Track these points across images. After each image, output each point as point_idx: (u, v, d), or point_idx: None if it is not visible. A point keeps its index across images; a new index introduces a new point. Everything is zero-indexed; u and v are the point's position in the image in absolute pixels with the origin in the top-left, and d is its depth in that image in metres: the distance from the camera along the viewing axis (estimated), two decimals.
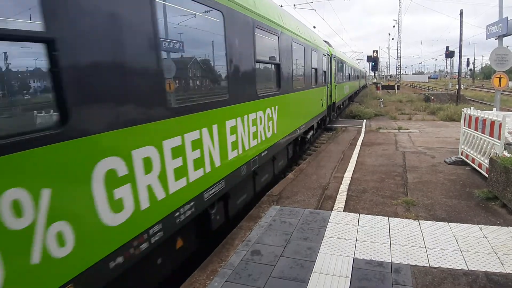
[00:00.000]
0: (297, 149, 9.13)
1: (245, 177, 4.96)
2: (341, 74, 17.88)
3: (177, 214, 3.19)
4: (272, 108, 6.01)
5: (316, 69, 10.29)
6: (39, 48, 2.01)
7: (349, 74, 22.96)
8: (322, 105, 11.43)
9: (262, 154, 5.61)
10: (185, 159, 3.31)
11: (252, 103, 5.07)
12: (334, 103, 14.74)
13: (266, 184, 6.39)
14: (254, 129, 5.19)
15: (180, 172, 3.23)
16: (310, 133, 10.16)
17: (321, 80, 11.28)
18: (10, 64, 2.03)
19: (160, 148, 2.92)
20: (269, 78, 6.33)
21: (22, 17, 1.95)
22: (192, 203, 3.45)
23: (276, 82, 6.41)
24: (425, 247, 3.84)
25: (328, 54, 12.99)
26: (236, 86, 4.53)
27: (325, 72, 12.22)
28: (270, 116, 5.93)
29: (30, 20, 1.95)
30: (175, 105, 3.25)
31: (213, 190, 3.90)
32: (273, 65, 6.31)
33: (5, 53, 1.94)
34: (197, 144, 3.54)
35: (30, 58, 2.10)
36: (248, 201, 5.49)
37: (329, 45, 15.64)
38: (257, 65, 5.32)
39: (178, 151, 3.19)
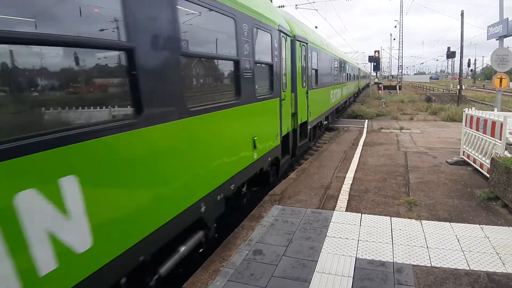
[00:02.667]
0: (356, 96, 30.37)
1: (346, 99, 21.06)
2: (360, 76, 34.99)
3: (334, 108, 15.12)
4: (348, 86, 21.04)
5: (356, 75, 28.30)
6: None
7: (362, 75, 42.11)
8: (357, 87, 29.68)
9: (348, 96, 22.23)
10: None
11: (342, 84, 17.94)
12: (359, 88, 34.27)
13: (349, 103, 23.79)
14: (343, 91, 17.94)
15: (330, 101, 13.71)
16: (357, 93, 31.24)
17: (356, 78, 28.45)
18: None
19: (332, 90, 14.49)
20: (347, 77, 20.83)
21: None
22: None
23: (347, 78, 20.19)
24: (427, 247, 3.85)
25: (358, 68, 32.05)
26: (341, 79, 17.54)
27: (357, 75, 29.93)
28: (347, 88, 20.34)
29: None
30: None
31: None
32: (348, 74, 21.79)
33: None
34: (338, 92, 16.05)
35: None
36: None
37: (357, 63, 38.19)
38: (349, 76, 21.78)
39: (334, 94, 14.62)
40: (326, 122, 13.17)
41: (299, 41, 7.80)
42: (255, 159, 5.09)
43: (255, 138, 5.01)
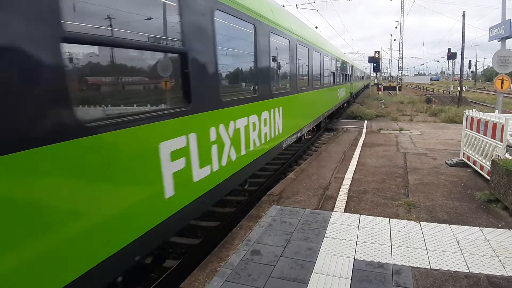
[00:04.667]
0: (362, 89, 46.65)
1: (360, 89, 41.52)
2: (365, 77, 50.75)
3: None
4: (361, 82, 42.36)
5: (362, 76, 44.22)
6: None
7: (366, 76, 54.94)
8: (363, 84, 46.79)
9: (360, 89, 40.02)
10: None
11: (359, 81, 38.00)
12: (364, 84, 48.46)
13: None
14: (360, 84, 38.64)
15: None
16: (363, 88, 46.20)
17: (362, 78, 43.96)
18: None
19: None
20: (360, 78, 39.72)
21: None
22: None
23: (360, 78, 38.80)
24: (426, 249, 3.81)
25: (363, 71, 49.46)
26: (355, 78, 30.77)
27: (363, 76, 45.72)
28: (361, 83, 41.84)
29: None
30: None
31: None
32: (360, 76, 40.27)
33: None
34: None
35: None
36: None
37: (363, 66, 60.81)
38: (361, 77, 41.10)
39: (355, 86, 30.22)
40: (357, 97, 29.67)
41: (351, 65, 22.73)
42: (348, 95, 20.88)
43: (348, 91, 20.29)
